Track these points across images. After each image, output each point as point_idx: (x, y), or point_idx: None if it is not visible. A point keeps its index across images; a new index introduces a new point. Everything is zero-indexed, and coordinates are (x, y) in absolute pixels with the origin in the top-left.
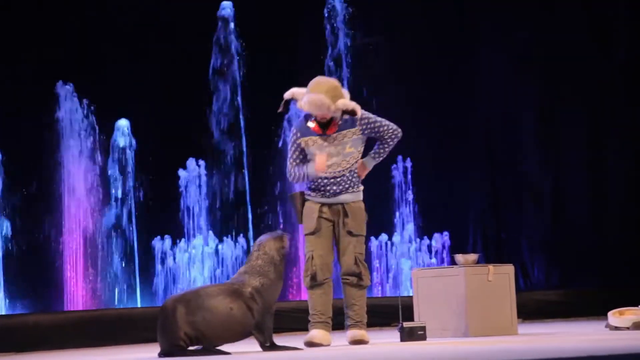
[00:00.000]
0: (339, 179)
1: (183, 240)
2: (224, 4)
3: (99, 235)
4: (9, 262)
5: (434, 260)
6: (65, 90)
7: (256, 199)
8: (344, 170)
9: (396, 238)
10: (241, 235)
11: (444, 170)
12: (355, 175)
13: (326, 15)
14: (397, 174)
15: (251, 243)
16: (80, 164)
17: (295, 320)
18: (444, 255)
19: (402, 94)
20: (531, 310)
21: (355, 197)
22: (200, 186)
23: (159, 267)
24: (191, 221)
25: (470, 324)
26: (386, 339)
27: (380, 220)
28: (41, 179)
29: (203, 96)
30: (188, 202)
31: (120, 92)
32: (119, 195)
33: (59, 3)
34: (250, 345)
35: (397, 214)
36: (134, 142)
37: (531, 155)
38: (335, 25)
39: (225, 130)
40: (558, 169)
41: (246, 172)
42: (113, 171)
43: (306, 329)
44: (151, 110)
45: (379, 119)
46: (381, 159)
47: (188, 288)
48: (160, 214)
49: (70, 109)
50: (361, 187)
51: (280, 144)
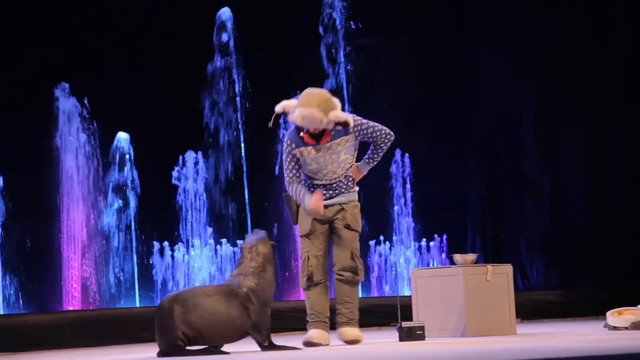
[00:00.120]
0: (334, 185)
1: (182, 240)
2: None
3: (99, 235)
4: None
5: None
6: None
7: (256, 199)
8: (339, 177)
9: (395, 238)
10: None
11: (443, 170)
12: (351, 178)
13: (325, 15)
14: (395, 173)
15: None
16: (79, 164)
17: (295, 320)
18: (442, 256)
19: (401, 93)
20: (530, 310)
21: (350, 197)
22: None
23: (158, 267)
24: (191, 221)
25: (468, 323)
26: (385, 339)
27: (378, 220)
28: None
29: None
30: (188, 202)
31: (120, 92)
32: (119, 195)
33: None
34: (250, 345)
35: (396, 213)
36: (133, 142)
37: (530, 154)
38: (335, 25)
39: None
40: (557, 168)
41: (245, 172)
42: (112, 171)
43: (305, 329)
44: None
45: (371, 123)
46: (375, 163)
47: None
48: (160, 214)
49: (70, 109)
50: (356, 188)
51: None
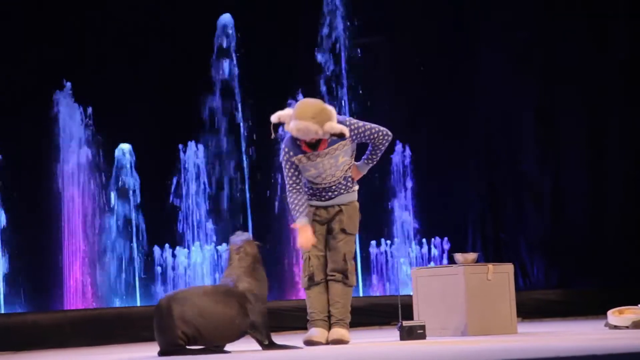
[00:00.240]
0: (334, 187)
1: (183, 240)
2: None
3: (99, 234)
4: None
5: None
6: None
7: (257, 199)
8: (339, 179)
9: (395, 237)
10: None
11: (443, 170)
12: (350, 178)
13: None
14: (395, 172)
15: None
16: (80, 163)
17: (295, 319)
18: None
19: (401, 93)
20: (530, 309)
21: (350, 197)
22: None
23: (158, 266)
24: (191, 221)
25: (469, 323)
26: (386, 338)
27: (378, 219)
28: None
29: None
30: (187, 201)
31: (119, 92)
32: (119, 194)
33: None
34: (250, 345)
35: (396, 213)
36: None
37: (530, 154)
38: (334, 25)
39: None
40: (557, 168)
41: (247, 172)
42: (113, 171)
43: (306, 328)
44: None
45: (367, 125)
46: (375, 162)
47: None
48: (160, 213)
49: (70, 109)
50: (356, 187)
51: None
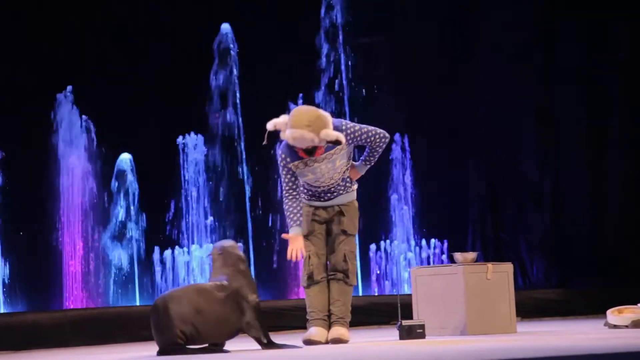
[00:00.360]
0: (332, 189)
1: (183, 240)
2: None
3: (99, 234)
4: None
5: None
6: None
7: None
8: (337, 181)
9: (395, 237)
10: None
11: (443, 170)
12: (348, 179)
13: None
14: (395, 172)
15: (250, 245)
16: (80, 163)
17: (295, 318)
18: (443, 256)
19: (401, 93)
20: (530, 308)
21: (350, 197)
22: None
23: (158, 266)
24: (190, 221)
25: (469, 322)
26: (385, 337)
27: (378, 219)
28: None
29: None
30: (188, 200)
31: (120, 92)
32: (119, 194)
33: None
34: (249, 344)
35: (396, 213)
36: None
37: (531, 154)
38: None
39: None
40: (557, 168)
41: (247, 172)
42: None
43: (305, 327)
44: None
45: (364, 128)
46: (373, 163)
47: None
48: (159, 213)
49: (70, 109)
50: (355, 187)
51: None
